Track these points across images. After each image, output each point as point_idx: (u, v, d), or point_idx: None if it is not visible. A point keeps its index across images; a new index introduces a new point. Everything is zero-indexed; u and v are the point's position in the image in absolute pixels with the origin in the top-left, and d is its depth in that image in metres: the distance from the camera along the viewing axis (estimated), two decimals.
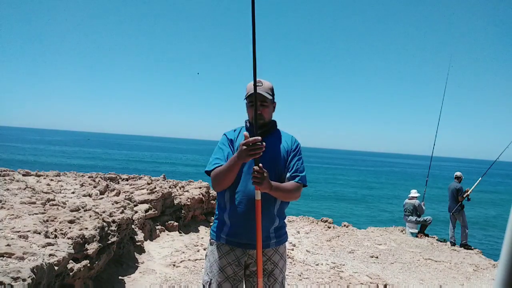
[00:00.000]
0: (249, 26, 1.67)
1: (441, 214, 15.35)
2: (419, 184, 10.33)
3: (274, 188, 1.79)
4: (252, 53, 1.69)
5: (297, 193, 1.94)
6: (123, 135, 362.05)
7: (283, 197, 1.91)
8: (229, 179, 1.85)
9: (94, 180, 6.16)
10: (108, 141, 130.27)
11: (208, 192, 6.98)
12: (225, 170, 1.82)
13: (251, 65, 1.70)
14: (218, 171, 1.87)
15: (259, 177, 1.68)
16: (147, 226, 5.15)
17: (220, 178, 1.86)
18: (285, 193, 1.88)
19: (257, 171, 1.68)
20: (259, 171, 1.69)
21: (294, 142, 2.04)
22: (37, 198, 3.90)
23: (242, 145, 1.69)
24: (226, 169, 1.82)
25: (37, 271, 2.20)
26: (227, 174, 1.81)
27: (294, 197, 1.93)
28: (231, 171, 1.80)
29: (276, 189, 1.81)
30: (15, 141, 73.29)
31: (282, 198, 1.92)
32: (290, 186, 1.91)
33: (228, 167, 1.81)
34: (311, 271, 4.82)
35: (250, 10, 1.65)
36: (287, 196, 1.92)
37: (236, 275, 1.91)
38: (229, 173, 1.81)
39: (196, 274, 4.20)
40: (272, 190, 1.78)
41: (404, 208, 8.41)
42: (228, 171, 1.81)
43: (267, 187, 1.74)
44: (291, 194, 1.91)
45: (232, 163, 1.78)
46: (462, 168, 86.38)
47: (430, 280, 4.97)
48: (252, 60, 1.69)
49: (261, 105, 1.95)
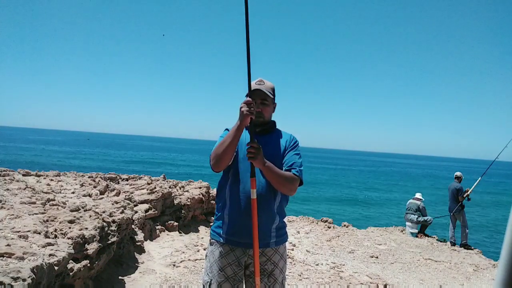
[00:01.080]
0: (249, 26, 1.70)
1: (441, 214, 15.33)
2: (420, 184, 10.33)
3: (268, 166, 1.80)
4: (246, 50, 1.73)
5: (291, 183, 1.89)
6: (123, 135, 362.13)
7: (275, 180, 1.85)
8: (230, 151, 1.83)
9: (94, 180, 6.16)
10: (108, 141, 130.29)
11: (208, 192, 6.98)
12: (226, 138, 1.83)
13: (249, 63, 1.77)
14: (220, 143, 1.87)
15: (254, 151, 1.73)
16: (147, 226, 5.15)
17: (220, 150, 1.84)
18: (277, 177, 1.84)
19: (253, 146, 1.74)
20: (254, 146, 1.74)
21: (292, 139, 2.05)
22: (37, 198, 3.90)
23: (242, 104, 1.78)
24: (227, 138, 1.83)
25: (37, 271, 2.20)
26: (229, 144, 1.81)
27: (288, 186, 1.88)
28: (233, 138, 1.81)
29: (269, 168, 1.81)
30: (15, 141, 73.31)
31: (274, 182, 1.86)
32: (284, 172, 1.89)
33: (229, 135, 1.82)
34: (311, 271, 4.82)
35: (250, 9, 1.69)
36: (279, 181, 1.85)
37: (236, 275, 1.91)
38: (230, 142, 1.81)
39: (196, 274, 4.20)
40: (265, 166, 1.79)
41: (408, 207, 8.46)
42: (230, 140, 1.81)
43: (260, 162, 1.77)
44: (284, 181, 1.86)
45: (233, 129, 1.81)
46: (462, 168, 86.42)
47: (430, 280, 4.97)
48: (246, 57, 1.74)
49: (262, 103, 1.98)
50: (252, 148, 1.74)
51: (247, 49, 1.74)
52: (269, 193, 1.90)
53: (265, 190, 1.89)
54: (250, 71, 1.77)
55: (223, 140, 1.85)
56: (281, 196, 1.97)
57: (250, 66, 1.76)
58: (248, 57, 1.75)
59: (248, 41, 1.73)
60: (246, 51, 1.74)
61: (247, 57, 1.75)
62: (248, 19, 1.71)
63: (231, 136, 1.81)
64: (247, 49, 1.74)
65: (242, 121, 1.77)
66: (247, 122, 1.79)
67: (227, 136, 1.83)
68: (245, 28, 1.72)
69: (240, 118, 1.78)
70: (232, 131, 1.82)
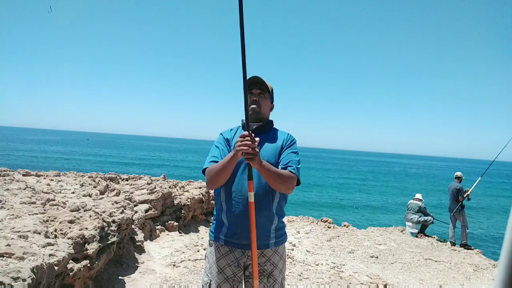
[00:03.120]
0: (250, 26, 1.67)
1: (441, 214, 15.34)
2: (420, 184, 10.36)
3: (264, 165, 1.75)
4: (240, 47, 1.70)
5: (288, 181, 1.84)
6: (123, 135, 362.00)
7: (272, 180, 1.81)
8: (223, 176, 1.83)
9: (94, 180, 6.17)
10: (108, 141, 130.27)
11: (208, 192, 6.98)
12: (219, 166, 1.81)
13: (248, 63, 1.74)
14: (213, 167, 1.86)
15: (252, 152, 1.69)
16: (147, 226, 5.15)
17: (213, 174, 1.84)
18: (274, 176, 1.79)
19: (252, 148, 1.69)
20: (251, 146, 1.70)
21: (289, 138, 2.04)
22: (37, 198, 3.91)
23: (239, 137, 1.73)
24: (220, 165, 1.81)
25: (37, 271, 2.20)
26: (222, 171, 1.80)
27: (285, 184, 1.83)
28: (226, 167, 1.79)
29: (266, 167, 1.76)
30: (14, 141, 73.30)
31: (271, 181, 1.82)
32: (281, 170, 1.86)
33: (223, 163, 1.80)
34: (311, 271, 4.82)
35: (250, 9, 1.67)
36: (276, 179, 1.80)
37: (236, 276, 1.91)
38: (223, 169, 1.79)
39: (196, 274, 4.20)
40: (262, 166, 1.74)
41: (408, 207, 8.51)
42: (222, 168, 1.80)
43: (257, 163, 1.72)
44: (280, 179, 1.81)
45: (227, 159, 1.78)
46: (462, 168, 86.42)
47: (430, 280, 4.97)
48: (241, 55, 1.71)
49: (259, 94, 2.00)
50: (248, 148, 1.70)
51: (241, 40, 1.69)
52: (267, 193, 1.89)
53: (263, 191, 1.88)
54: (245, 61, 1.72)
55: (217, 167, 1.83)
56: (280, 196, 1.95)
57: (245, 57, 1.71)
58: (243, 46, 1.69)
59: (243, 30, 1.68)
60: (241, 43, 1.69)
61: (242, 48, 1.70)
62: (242, 11, 1.67)
63: (224, 165, 1.79)
64: (241, 41, 1.69)
65: (237, 155, 1.73)
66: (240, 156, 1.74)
67: (221, 165, 1.81)
68: (239, 20, 1.67)
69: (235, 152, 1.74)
70: (226, 160, 1.79)
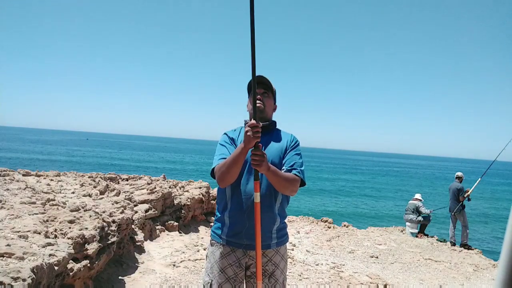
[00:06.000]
0: (250, 25, 1.67)
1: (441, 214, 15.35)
2: (420, 185, 10.37)
3: (272, 170, 1.77)
4: (250, 48, 1.68)
5: (293, 184, 1.87)
6: (123, 135, 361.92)
7: (278, 184, 1.83)
8: (234, 170, 1.81)
9: (94, 180, 6.16)
10: (107, 141, 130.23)
11: (208, 192, 6.98)
12: (229, 160, 1.81)
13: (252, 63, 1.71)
14: (223, 163, 1.85)
15: (258, 159, 1.69)
16: (147, 226, 5.15)
17: (224, 170, 1.83)
18: (280, 180, 1.81)
19: (257, 154, 1.69)
20: (258, 153, 1.70)
21: (293, 140, 2.04)
22: (37, 198, 3.91)
23: (247, 128, 1.71)
24: (231, 159, 1.80)
25: (37, 271, 2.20)
26: (233, 164, 1.79)
27: (290, 187, 1.86)
28: (236, 161, 1.78)
29: (273, 172, 1.78)
30: (14, 141, 73.28)
31: (277, 185, 1.84)
32: (287, 174, 1.87)
33: (233, 156, 1.80)
34: (311, 271, 4.82)
35: (250, 8, 1.65)
36: (282, 183, 1.83)
37: (237, 276, 1.91)
38: (234, 163, 1.79)
39: (196, 274, 4.20)
40: (269, 171, 1.75)
41: (407, 207, 8.61)
42: (233, 161, 1.79)
43: (265, 169, 1.73)
44: (286, 183, 1.83)
45: (237, 152, 1.77)
46: (462, 168, 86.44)
47: (430, 280, 4.97)
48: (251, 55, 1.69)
49: (263, 94, 1.99)
50: (255, 156, 1.70)
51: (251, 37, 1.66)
52: (270, 194, 1.89)
53: (267, 192, 1.88)
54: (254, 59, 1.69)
55: (226, 162, 1.82)
56: (282, 197, 1.96)
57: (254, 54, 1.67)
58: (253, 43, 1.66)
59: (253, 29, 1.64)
60: (251, 40, 1.66)
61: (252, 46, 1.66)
62: (253, 11, 1.64)
63: (234, 159, 1.78)
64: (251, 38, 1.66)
65: (246, 144, 1.72)
66: (252, 145, 1.73)
67: (231, 159, 1.80)
68: (250, 21, 1.65)
69: (245, 141, 1.72)
70: (235, 153, 1.78)
